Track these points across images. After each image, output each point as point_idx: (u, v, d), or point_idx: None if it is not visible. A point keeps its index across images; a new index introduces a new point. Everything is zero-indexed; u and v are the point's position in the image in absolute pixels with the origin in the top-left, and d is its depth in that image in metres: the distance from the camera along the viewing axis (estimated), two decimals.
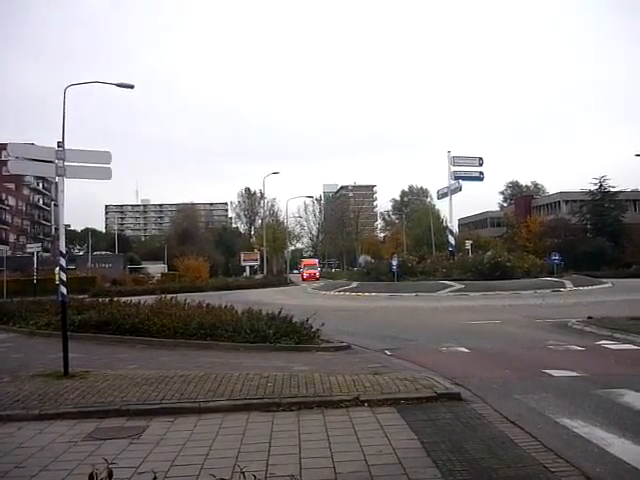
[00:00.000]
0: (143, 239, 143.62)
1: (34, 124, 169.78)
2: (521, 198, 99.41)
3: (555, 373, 10.02)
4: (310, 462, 5.82)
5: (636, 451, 6.03)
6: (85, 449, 6.49)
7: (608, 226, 69.17)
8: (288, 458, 5.95)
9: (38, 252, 46.90)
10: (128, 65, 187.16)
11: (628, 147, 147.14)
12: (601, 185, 72.93)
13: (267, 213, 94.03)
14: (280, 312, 14.75)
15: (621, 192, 72.72)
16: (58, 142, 10.94)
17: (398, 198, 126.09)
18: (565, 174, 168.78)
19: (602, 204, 71.94)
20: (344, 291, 38.30)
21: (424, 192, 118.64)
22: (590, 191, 72.90)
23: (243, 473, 3.64)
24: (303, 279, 78.89)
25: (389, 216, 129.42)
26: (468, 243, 53.68)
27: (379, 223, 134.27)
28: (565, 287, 34.31)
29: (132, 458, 6.05)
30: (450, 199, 41.12)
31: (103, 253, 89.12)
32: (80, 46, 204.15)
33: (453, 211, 42.89)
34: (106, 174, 10.85)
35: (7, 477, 5.50)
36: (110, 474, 3.45)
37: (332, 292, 39.30)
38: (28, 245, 60.31)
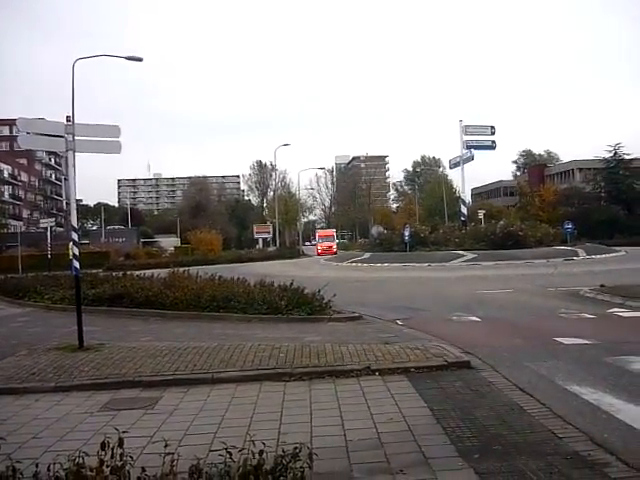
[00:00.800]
0: (156, 213, 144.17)
1: (45, 100, 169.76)
2: (534, 167, 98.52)
3: (566, 341, 10.04)
4: (321, 430, 5.90)
5: None
6: (100, 420, 6.61)
7: (622, 194, 68.51)
8: (299, 427, 6.03)
9: (52, 227, 47.19)
10: (137, 37, 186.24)
11: None
12: (615, 153, 72.08)
13: (279, 185, 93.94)
14: (292, 284, 14.83)
15: (636, 160, 71.81)
16: (67, 116, 10.95)
17: (410, 169, 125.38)
18: (580, 142, 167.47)
19: (616, 172, 71.16)
20: (356, 262, 38.35)
21: (436, 162, 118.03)
22: (604, 159, 72.11)
23: (252, 441, 3.70)
24: (318, 254, 66.30)
25: (401, 187, 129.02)
26: (481, 213, 53.49)
27: (392, 194, 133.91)
28: (578, 256, 34.18)
29: (146, 428, 6.16)
30: (462, 168, 40.87)
31: (116, 227, 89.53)
32: (87, 19, 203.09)
33: (465, 181, 42.64)
34: (116, 148, 10.88)
35: (24, 447, 5.61)
36: (121, 442, 3.52)
37: (344, 263, 39.36)
38: (41, 220, 60.65)
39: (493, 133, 40.73)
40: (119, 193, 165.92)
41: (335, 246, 72.60)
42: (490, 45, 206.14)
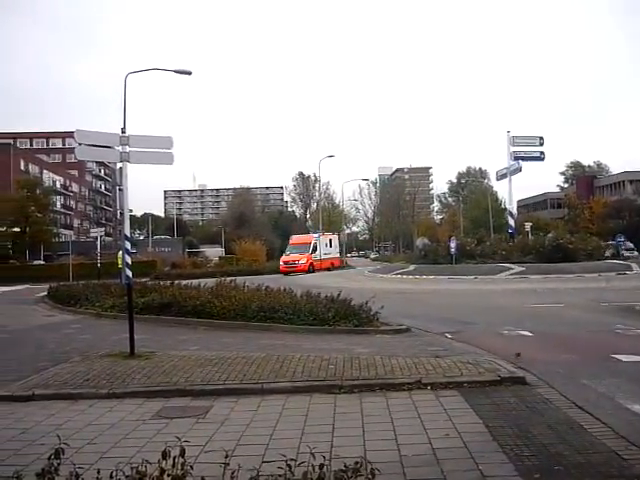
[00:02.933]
0: (200, 223, 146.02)
1: (95, 113, 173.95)
2: (583, 178, 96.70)
3: (624, 358, 9.71)
4: (374, 444, 5.81)
5: None
6: (153, 427, 6.65)
7: None
8: (352, 440, 5.95)
9: (101, 236, 48.19)
10: (184, 50, 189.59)
11: None
12: None
13: (322, 196, 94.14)
14: (339, 295, 14.76)
15: None
16: (122, 128, 11.14)
17: (455, 180, 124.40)
18: (631, 153, 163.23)
19: None
20: (402, 274, 37.99)
21: (482, 173, 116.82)
22: None
23: (312, 454, 3.64)
24: (281, 270, 46.91)
25: (445, 198, 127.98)
26: (527, 225, 52.56)
27: (435, 205, 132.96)
28: (631, 270, 33.16)
29: (198, 437, 6.15)
30: (509, 180, 40.20)
31: (162, 237, 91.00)
32: (139, 34, 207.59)
33: (512, 192, 42.00)
34: (168, 159, 11.04)
35: (80, 452, 5.66)
36: (183, 452, 3.50)
37: (389, 275, 39.06)
38: (91, 230, 62.09)
39: (542, 144, 39.99)
40: (165, 203, 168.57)
41: (306, 260, 48.03)
42: (538, 54, 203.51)
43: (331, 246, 54.46)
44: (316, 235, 52.90)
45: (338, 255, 57.21)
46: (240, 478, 3.64)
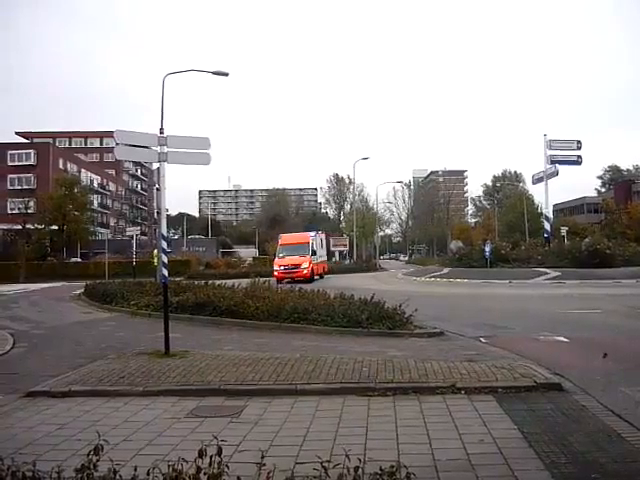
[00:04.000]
0: (234, 224, 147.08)
1: (132, 113, 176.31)
2: (621, 183, 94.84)
3: None
4: (408, 448, 5.78)
5: None
6: (188, 426, 6.72)
7: None
8: (385, 443, 5.93)
9: (137, 235, 48.83)
10: (221, 51, 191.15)
11: None
12: None
13: (356, 198, 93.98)
14: (372, 297, 14.73)
15: None
16: (160, 129, 11.28)
17: (490, 183, 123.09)
18: None
19: None
20: (435, 277, 37.80)
21: (517, 177, 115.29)
22: None
23: (347, 456, 3.64)
24: (275, 276, 35.48)
25: (480, 202, 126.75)
26: (564, 230, 51.83)
27: (470, 209, 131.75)
28: None
29: (232, 436, 6.17)
30: (546, 184, 39.73)
31: (197, 237, 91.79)
32: (178, 35, 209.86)
33: (548, 196, 41.47)
34: (205, 159, 11.14)
35: (116, 449, 5.73)
36: (220, 451, 3.53)
37: (423, 278, 38.88)
38: (127, 229, 62.92)
39: (579, 148, 39.42)
40: (200, 203, 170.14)
41: (308, 264, 37.67)
42: (576, 56, 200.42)
43: (322, 247, 46.47)
44: (312, 234, 43.32)
45: (326, 258, 49.84)
46: (275, 479, 3.65)
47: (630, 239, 49.84)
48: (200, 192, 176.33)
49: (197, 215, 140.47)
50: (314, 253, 39.88)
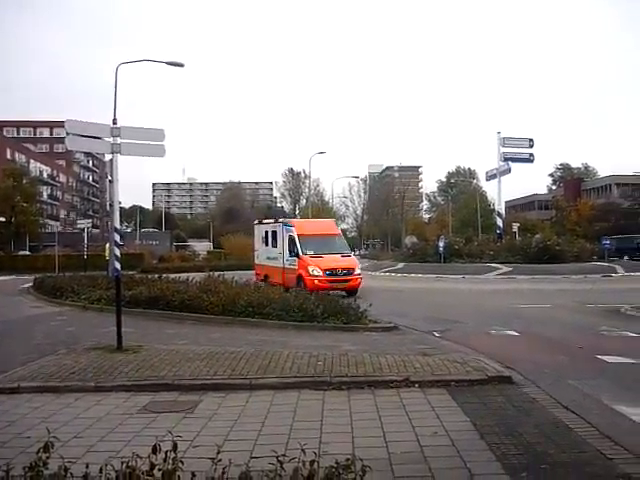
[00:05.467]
0: (189, 217, 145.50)
1: (84, 104, 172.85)
2: (570, 181, 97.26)
3: (609, 359, 9.81)
4: (362, 441, 5.82)
5: None
6: (140, 422, 6.63)
7: None
8: (340, 437, 5.96)
9: (88, 228, 47.89)
10: (176, 42, 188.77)
11: None
12: None
13: (312, 193, 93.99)
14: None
15: None
16: (113, 119, 11.08)
17: (444, 179, 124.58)
18: (620, 157, 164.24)
19: None
20: (390, 272, 38.06)
21: (471, 173, 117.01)
22: None
23: (303, 450, 3.64)
24: (311, 287, 20.20)
25: (435, 197, 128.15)
26: (515, 226, 52.80)
27: (424, 204, 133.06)
28: (616, 272, 33.43)
29: (186, 432, 6.11)
30: (499, 181, 40.45)
31: (150, 230, 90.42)
32: (131, 25, 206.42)
33: (501, 193, 42.24)
34: (160, 151, 11.00)
35: (67, 446, 5.61)
36: (175, 446, 3.49)
37: (378, 273, 39.08)
38: (78, 221, 61.69)
39: (531, 146, 40.24)
40: (154, 196, 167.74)
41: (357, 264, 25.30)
42: (530, 55, 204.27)
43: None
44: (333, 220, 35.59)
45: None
46: (230, 473, 3.63)
47: (579, 235, 51.19)
48: (154, 185, 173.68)
49: (151, 208, 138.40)
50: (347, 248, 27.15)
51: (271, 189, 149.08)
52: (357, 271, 23.41)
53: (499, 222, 41.81)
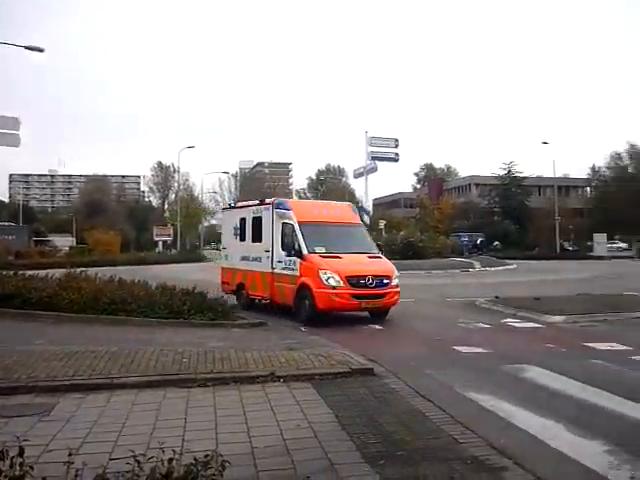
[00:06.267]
0: (50, 211, 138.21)
1: None
2: (433, 180, 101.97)
3: (464, 350, 10.43)
4: (226, 437, 5.82)
5: (538, 422, 6.38)
6: None
7: (514, 210, 72.21)
8: (204, 434, 5.92)
9: None
10: (38, 29, 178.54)
11: (537, 135, 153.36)
12: (509, 171, 76.00)
13: (181, 187, 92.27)
14: (195, 288, 14.58)
15: (527, 178, 75.94)
16: None
17: (314, 177, 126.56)
18: (478, 159, 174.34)
19: (510, 189, 74.97)
20: None
21: (341, 171, 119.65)
22: (499, 176, 75.80)
23: (162, 449, 3.59)
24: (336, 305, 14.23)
25: (305, 194, 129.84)
26: (382, 223, 54.62)
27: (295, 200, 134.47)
28: (474, 267, 35.59)
29: (41, 436, 5.85)
30: (366, 179, 41.85)
31: (5, 224, 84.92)
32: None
33: (368, 191, 43.64)
34: (14, 141, 10.40)
35: None
36: (21, 451, 3.33)
37: None
38: None
39: (397, 146, 41.92)
40: (10, 188, 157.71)
41: (394, 270, 15.72)
42: (397, 57, 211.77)
43: None
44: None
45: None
46: (85, 476, 3.52)
47: (441, 233, 53.84)
48: (11, 176, 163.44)
49: (7, 200, 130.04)
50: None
51: (139, 183, 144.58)
52: (394, 281, 15.38)
53: (366, 219, 42.96)
